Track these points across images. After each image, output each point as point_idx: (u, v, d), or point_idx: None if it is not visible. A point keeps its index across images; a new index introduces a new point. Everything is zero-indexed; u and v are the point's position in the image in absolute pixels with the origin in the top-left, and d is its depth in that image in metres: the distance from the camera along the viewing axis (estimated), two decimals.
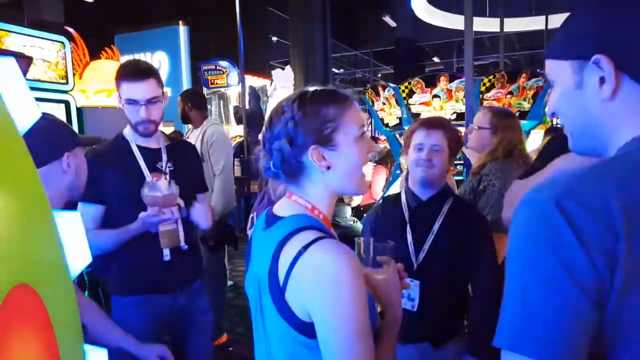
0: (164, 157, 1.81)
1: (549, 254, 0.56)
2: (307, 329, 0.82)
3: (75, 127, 4.42)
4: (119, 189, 1.68)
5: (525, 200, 0.62)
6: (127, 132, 1.82)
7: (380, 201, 2.02)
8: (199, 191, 1.97)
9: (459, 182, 3.49)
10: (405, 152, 1.67)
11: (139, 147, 1.79)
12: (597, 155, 0.71)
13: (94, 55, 5.20)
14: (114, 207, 1.72)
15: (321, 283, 0.79)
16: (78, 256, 0.65)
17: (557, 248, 0.56)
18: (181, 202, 1.78)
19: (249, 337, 1.08)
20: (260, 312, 0.91)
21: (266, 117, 0.95)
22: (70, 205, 1.87)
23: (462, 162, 4.18)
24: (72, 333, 0.62)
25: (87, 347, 0.67)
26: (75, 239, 0.65)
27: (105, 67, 5.16)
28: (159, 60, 7.76)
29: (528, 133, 4.13)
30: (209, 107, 7.96)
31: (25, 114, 0.55)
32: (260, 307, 0.91)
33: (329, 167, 0.90)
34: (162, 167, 1.79)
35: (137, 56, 7.56)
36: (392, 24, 16.72)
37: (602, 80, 0.65)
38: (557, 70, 0.71)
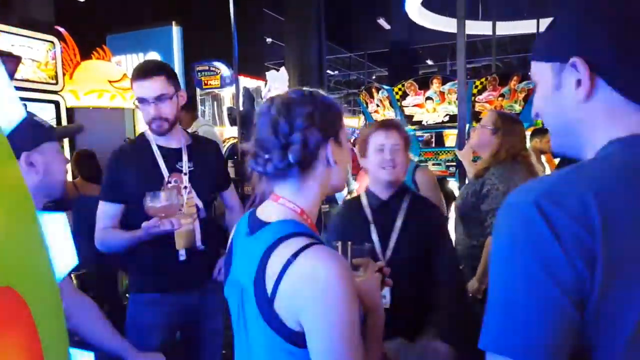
0: (185, 157, 1.81)
1: (529, 255, 0.57)
2: (296, 338, 0.80)
3: None
4: (139, 189, 1.67)
5: (507, 202, 0.63)
6: (149, 131, 1.83)
7: (342, 205, 2.05)
8: (222, 189, 1.98)
9: (441, 181, 3.50)
10: (362, 156, 1.69)
11: (159, 146, 1.80)
12: (577, 156, 0.72)
13: (85, 55, 5.16)
14: (134, 207, 1.71)
15: (313, 292, 0.78)
16: (64, 258, 0.64)
17: (537, 249, 0.57)
18: (199, 203, 1.79)
19: None
20: (243, 320, 0.90)
21: (270, 108, 0.91)
22: (61, 207, 1.86)
23: (454, 163, 4.20)
24: (57, 337, 0.61)
25: (73, 350, 0.66)
26: (61, 241, 0.64)
27: (97, 68, 5.12)
28: None
29: None
30: (202, 108, 7.92)
31: (9, 113, 0.55)
32: (243, 315, 0.89)
33: (335, 162, 0.92)
34: (181, 167, 1.79)
35: (129, 57, 7.51)
36: (387, 26, 16.78)
37: (578, 82, 0.66)
38: (540, 71, 0.72)
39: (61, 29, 4.96)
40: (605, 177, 0.60)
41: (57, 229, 0.63)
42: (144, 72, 1.72)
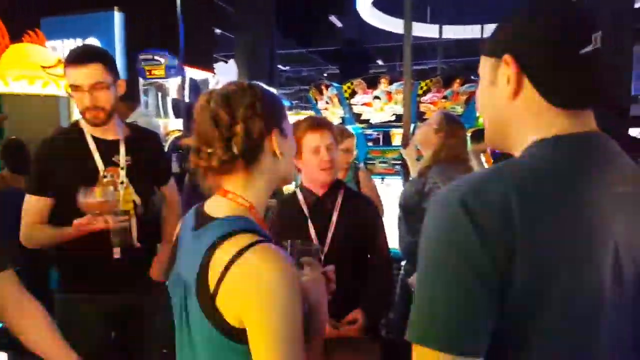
0: (122, 150, 1.72)
1: (453, 250, 0.60)
2: (238, 335, 0.80)
3: None
4: (70, 183, 1.58)
5: (435, 199, 0.66)
6: (83, 121, 1.72)
7: (278, 201, 2.07)
8: (159, 184, 1.90)
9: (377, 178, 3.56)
10: (298, 157, 1.67)
11: (94, 138, 1.69)
12: (507, 151, 0.75)
13: (15, 38, 4.80)
14: (65, 202, 1.61)
15: (256, 290, 0.77)
16: None
17: (461, 245, 0.59)
18: (137, 199, 1.72)
19: None
20: (185, 316, 0.88)
21: (209, 102, 0.89)
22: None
23: (400, 162, 4.29)
24: None
25: None
26: None
27: (28, 52, 4.78)
28: None
29: None
30: (145, 98, 7.61)
31: None
32: (185, 311, 0.87)
33: (282, 153, 0.91)
34: (118, 161, 1.70)
35: (66, 42, 7.09)
36: (339, 24, 16.90)
37: (508, 80, 0.69)
38: (483, 66, 0.75)
39: None
40: (525, 175, 0.63)
41: None
42: (79, 57, 1.62)
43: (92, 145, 1.68)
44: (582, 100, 0.68)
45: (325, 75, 22.10)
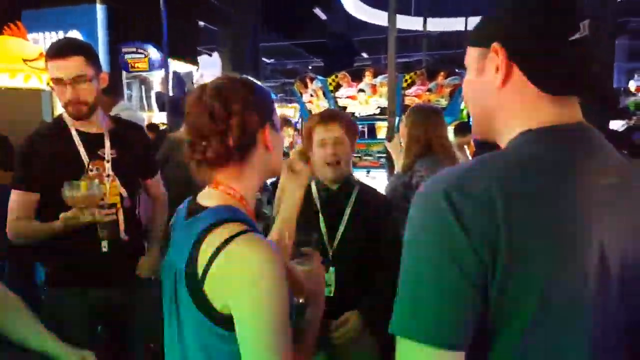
0: (107, 143, 1.72)
1: (437, 243, 0.60)
2: (224, 321, 0.81)
3: None
4: (55, 178, 1.56)
5: (419, 191, 0.65)
6: (66, 115, 1.70)
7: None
8: (145, 177, 1.90)
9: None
10: (308, 149, 1.66)
11: (78, 132, 1.69)
12: (494, 142, 0.75)
13: None
14: (50, 197, 1.60)
15: (242, 278, 0.78)
16: None
17: (444, 238, 0.59)
18: (124, 192, 1.72)
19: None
20: (174, 303, 0.89)
21: (201, 97, 0.89)
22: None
23: (385, 155, 4.33)
24: None
25: None
26: None
27: (9, 45, 4.68)
28: None
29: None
30: (129, 92, 7.54)
31: None
32: (175, 298, 0.89)
33: (273, 147, 0.93)
34: (104, 154, 1.70)
35: (47, 35, 6.97)
36: (323, 16, 16.84)
37: (497, 68, 0.69)
38: (469, 56, 0.75)
39: None
40: (510, 168, 0.62)
41: None
42: (60, 50, 1.61)
43: (77, 139, 1.68)
44: (572, 86, 0.67)
45: (310, 68, 22.03)
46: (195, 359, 0.86)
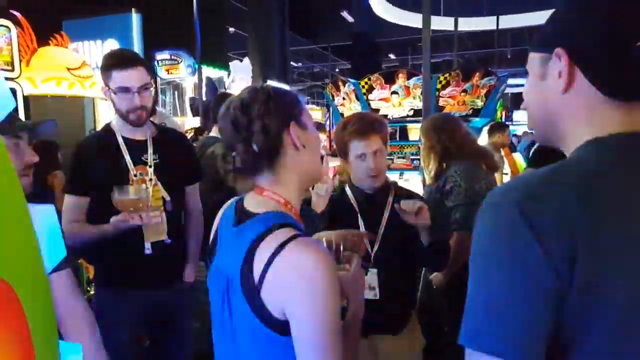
0: (150, 149, 1.78)
1: (510, 256, 0.58)
2: (281, 327, 0.82)
3: (21, 117, 4.17)
4: (104, 182, 1.64)
5: (489, 202, 0.64)
6: (114, 123, 1.79)
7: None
8: (190, 182, 1.94)
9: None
10: (343, 158, 1.64)
11: (124, 138, 1.76)
12: (557, 147, 0.74)
13: (42, 41, 4.91)
14: (100, 200, 1.67)
15: (298, 282, 0.80)
16: (53, 251, 0.63)
17: (518, 250, 0.58)
18: (166, 196, 1.77)
19: (204, 332, 1.05)
20: (227, 309, 0.91)
21: (229, 108, 0.93)
22: (47, 199, 1.79)
23: (418, 157, 4.30)
24: (46, 328, 0.61)
25: (62, 343, 0.65)
26: (50, 233, 0.63)
27: (55, 54, 4.88)
28: (110, 48, 7.43)
29: (480, 130, 4.30)
30: (163, 98, 7.73)
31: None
32: (227, 304, 0.90)
33: (304, 146, 0.93)
34: (147, 159, 1.76)
35: (87, 43, 7.22)
36: (350, 19, 16.85)
37: (560, 74, 0.67)
38: (531, 61, 0.74)
39: (16, 13, 4.69)
40: (585, 181, 0.60)
41: (45, 221, 0.62)
42: (126, 60, 1.69)
43: (122, 145, 1.74)
44: None
45: (336, 70, 22.06)
46: None
